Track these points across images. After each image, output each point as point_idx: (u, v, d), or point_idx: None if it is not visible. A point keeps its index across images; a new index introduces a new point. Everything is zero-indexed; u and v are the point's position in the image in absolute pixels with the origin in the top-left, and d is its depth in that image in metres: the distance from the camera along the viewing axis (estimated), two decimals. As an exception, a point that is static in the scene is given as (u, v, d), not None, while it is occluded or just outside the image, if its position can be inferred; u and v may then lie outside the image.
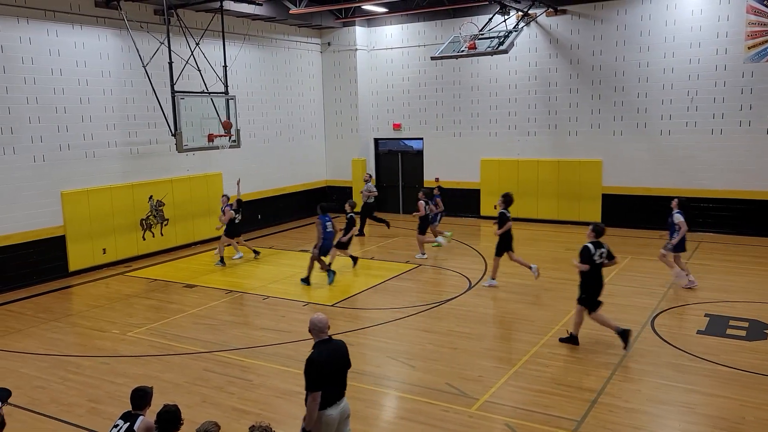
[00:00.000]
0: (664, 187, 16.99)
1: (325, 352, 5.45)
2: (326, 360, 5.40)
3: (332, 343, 5.58)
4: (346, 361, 5.62)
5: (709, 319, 10.08)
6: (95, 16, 14.18)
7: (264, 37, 18.87)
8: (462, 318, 10.51)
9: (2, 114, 12.60)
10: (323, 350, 5.45)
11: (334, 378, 5.47)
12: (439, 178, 20.38)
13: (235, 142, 15.35)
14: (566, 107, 18.10)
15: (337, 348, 5.58)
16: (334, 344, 5.59)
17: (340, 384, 5.56)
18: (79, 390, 8.11)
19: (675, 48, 16.44)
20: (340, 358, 5.56)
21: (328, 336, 5.57)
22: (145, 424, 5.23)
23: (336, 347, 5.58)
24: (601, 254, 9.00)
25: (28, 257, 13.18)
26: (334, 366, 5.47)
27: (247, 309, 11.47)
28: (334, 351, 5.53)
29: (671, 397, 7.51)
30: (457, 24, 18.32)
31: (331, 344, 5.56)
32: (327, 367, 5.39)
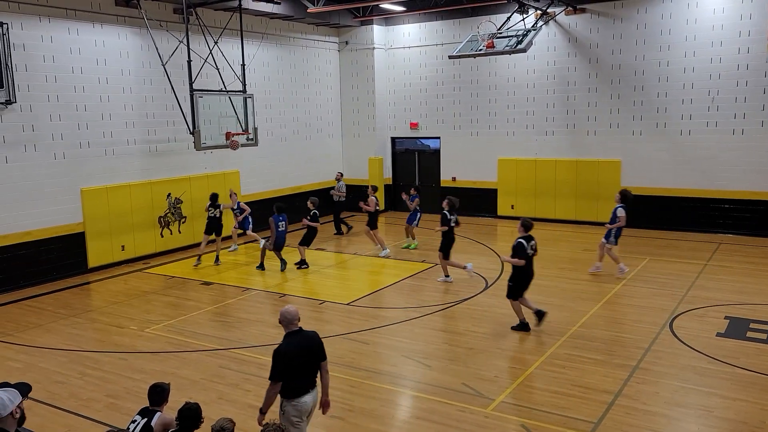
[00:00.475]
0: (684, 188, 16.80)
1: (294, 343, 5.55)
2: (295, 352, 5.50)
3: (302, 334, 5.66)
4: (317, 353, 5.68)
5: (729, 321, 9.95)
6: (115, 15, 14.32)
7: (282, 35, 18.93)
8: (478, 318, 10.47)
9: (24, 112, 12.77)
10: (292, 342, 5.55)
11: (305, 368, 5.57)
12: (456, 177, 20.34)
13: (252, 140, 15.41)
14: (585, 106, 17.96)
15: (307, 339, 5.66)
16: (304, 336, 5.66)
17: (311, 374, 5.66)
18: (98, 385, 8.20)
19: (696, 47, 16.23)
20: (310, 349, 5.63)
21: (298, 327, 5.65)
22: (162, 420, 5.26)
23: (306, 339, 5.66)
24: (532, 246, 9.72)
25: (49, 253, 13.35)
26: (303, 357, 5.56)
27: (264, 307, 11.52)
28: (303, 342, 5.61)
29: (690, 400, 7.42)
30: (475, 23, 18.23)
31: (301, 336, 5.64)
32: (296, 358, 5.49)
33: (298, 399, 5.53)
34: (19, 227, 12.82)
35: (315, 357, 5.66)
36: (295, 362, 5.48)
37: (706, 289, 11.73)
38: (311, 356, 5.63)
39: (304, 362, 5.57)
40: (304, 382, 5.58)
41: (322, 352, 5.71)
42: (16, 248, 12.80)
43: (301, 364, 5.53)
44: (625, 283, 12.22)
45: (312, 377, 5.67)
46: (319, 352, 5.69)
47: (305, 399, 5.56)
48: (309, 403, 5.60)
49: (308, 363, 5.61)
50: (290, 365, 5.45)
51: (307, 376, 5.61)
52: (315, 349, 5.67)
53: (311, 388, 5.64)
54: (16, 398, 3.98)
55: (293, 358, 5.47)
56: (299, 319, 5.67)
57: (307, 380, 5.61)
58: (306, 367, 5.59)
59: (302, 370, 5.55)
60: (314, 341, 5.69)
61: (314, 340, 5.70)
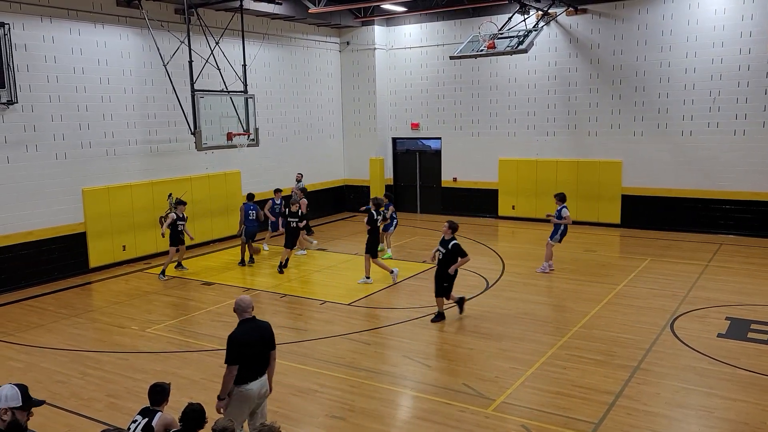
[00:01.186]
0: (685, 188, 16.79)
1: (248, 331, 5.83)
2: (246, 339, 5.77)
3: (255, 323, 5.94)
4: (268, 342, 5.94)
5: (730, 322, 9.94)
6: (117, 15, 14.33)
7: (283, 36, 18.95)
8: (479, 318, 10.46)
9: (26, 112, 12.79)
10: (245, 329, 5.83)
11: (254, 356, 5.81)
12: (456, 177, 20.34)
13: (253, 141, 15.42)
14: (586, 107, 17.96)
15: (259, 328, 5.93)
16: (257, 324, 5.95)
17: (261, 362, 5.89)
18: (99, 385, 8.20)
19: (697, 48, 16.23)
20: (261, 338, 5.90)
21: (251, 316, 5.93)
22: (163, 420, 5.26)
23: (258, 327, 5.94)
24: None
25: (50, 253, 13.37)
26: (254, 345, 5.81)
27: (264, 307, 11.53)
28: (255, 331, 5.89)
29: (691, 400, 7.42)
30: (476, 23, 18.24)
31: (254, 324, 5.93)
32: (247, 345, 5.75)
33: (245, 385, 5.77)
34: (21, 227, 12.84)
35: (266, 346, 5.93)
36: (247, 349, 5.75)
37: (707, 289, 11.72)
38: (262, 345, 5.90)
39: (256, 350, 5.84)
40: (253, 369, 5.82)
41: (272, 342, 5.99)
42: (17, 248, 12.82)
43: (251, 351, 5.80)
44: (626, 284, 12.21)
45: (261, 365, 5.91)
46: (270, 341, 5.97)
47: (251, 386, 5.80)
48: (255, 389, 5.84)
49: (259, 351, 5.87)
50: (243, 351, 5.71)
51: (256, 364, 5.86)
52: (267, 338, 5.95)
53: (259, 376, 5.88)
54: (12, 401, 3.97)
55: (246, 344, 5.75)
56: (253, 308, 5.98)
57: (256, 367, 5.85)
58: (257, 354, 5.85)
59: (253, 358, 5.81)
60: (267, 330, 5.98)
61: (267, 329, 5.99)
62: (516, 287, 12.22)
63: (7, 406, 3.95)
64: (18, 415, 3.96)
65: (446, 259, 9.98)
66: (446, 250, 9.97)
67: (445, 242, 10.01)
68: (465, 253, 10.01)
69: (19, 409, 3.97)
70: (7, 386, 4.05)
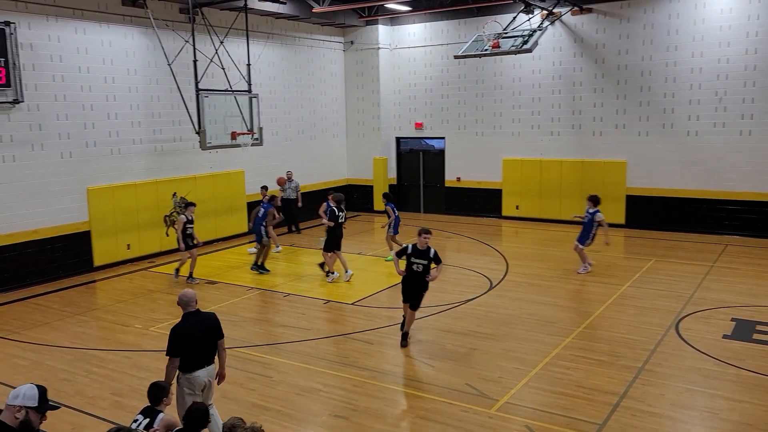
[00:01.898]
0: (691, 189, 16.74)
1: (191, 323, 6.10)
2: (189, 331, 6.04)
3: (200, 315, 6.21)
4: (214, 332, 6.20)
5: (736, 323, 9.90)
6: (122, 15, 14.36)
7: (287, 35, 18.95)
8: (482, 318, 10.45)
9: (31, 111, 12.83)
10: (189, 321, 6.11)
11: (200, 346, 6.08)
12: (460, 177, 20.32)
13: (257, 140, 15.43)
14: (591, 107, 17.91)
15: (204, 320, 6.20)
16: (201, 316, 6.22)
17: (206, 353, 6.16)
18: (103, 383, 8.23)
19: (703, 47, 16.17)
20: (206, 329, 6.16)
21: (195, 309, 6.18)
22: (164, 421, 5.26)
23: (203, 319, 6.20)
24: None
25: (55, 252, 13.40)
26: (198, 337, 6.07)
27: (268, 306, 11.54)
28: (199, 323, 6.15)
29: (695, 402, 7.39)
30: (480, 23, 18.21)
31: (198, 316, 6.19)
32: (191, 337, 6.02)
33: (191, 373, 6.04)
34: (26, 225, 12.88)
35: (211, 336, 6.18)
36: (190, 340, 6.00)
37: (712, 290, 11.68)
38: (207, 335, 6.14)
39: (200, 340, 6.08)
40: (199, 358, 6.07)
41: (218, 332, 6.24)
42: (22, 246, 12.86)
43: (196, 342, 6.05)
44: (630, 285, 12.18)
45: (207, 355, 6.16)
46: (215, 331, 6.22)
47: (198, 374, 6.05)
48: (202, 377, 6.08)
49: (203, 341, 6.11)
50: (186, 342, 5.98)
51: (202, 353, 6.10)
52: (211, 329, 6.19)
53: (206, 365, 6.12)
54: (28, 401, 3.98)
55: (189, 336, 6.01)
56: (196, 302, 6.22)
57: (202, 357, 6.09)
58: (201, 345, 6.09)
59: (197, 348, 6.06)
60: (211, 321, 6.23)
61: (211, 320, 6.24)
62: (520, 287, 12.20)
63: (23, 404, 3.96)
64: (32, 415, 3.97)
65: (425, 270, 9.02)
66: (427, 260, 8.98)
67: (424, 252, 8.98)
68: (440, 260, 9.16)
69: (33, 409, 3.97)
70: (27, 385, 4.08)
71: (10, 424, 3.92)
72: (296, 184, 17.98)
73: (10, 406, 3.96)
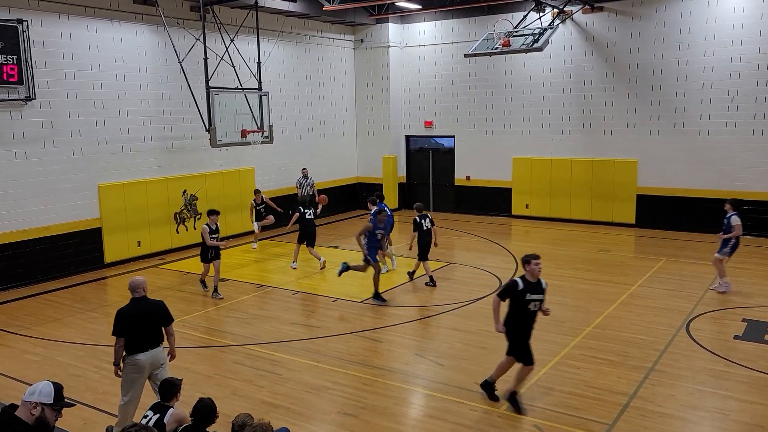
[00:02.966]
0: (702, 188, 16.62)
1: (135, 308, 6.49)
2: (134, 314, 6.44)
3: (146, 301, 6.58)
4: (157, 318, 6.58)
5: (747, 324, 9.83)
6: (133, 13, 14.43)
7: (298, 33, 18.98)
8: (491, 317, 10.39)
9: (43, 108, 12.92)
10: (133, 306, 6.51)
11: (143, 330, 6.44)
12: (470, 176, 20.29)
13: (267, 138, 15.47)
14: (601, 106, 17.82)
15: (150, 306, 6.58)
16: (148, 302, 6.59)
17: (151, 336, 6.51)
18: (114, 379, 8.18)
19: (715, 46, 16.04)
20: (151, 314, 6.53)
21: (142, 295, 6.55)
22: (175, 416, 5.29)
23: (149, 305, 6.58)
24: None
25: (66, 248, 13.49)
26: (141, 321, 6.44)
27: (277, 303, 11.57)
28: (145, 308, 6.53)
29: (706, 403, 7.34)
30: (491, 21, 18.17)
31: (145, 302, 6.57)
32: (134, 320, 6.41)
33: (134, 355, 6.42)
34: (38, 222, 12.98)
35: (156, 322, 6.55)
36: (133, 323, 6.40)
37: (723, 291, 11.60)
38: (151, 321, 6.51)
39: (142, 324, 6.44)
40: (143, 342, 6.44)
41: (165, 318, 6.65)
42: (34, 243, 12.96)
43: (139, 326, 6.42)
44: (641, 284, 12.12)
45: (152, 339, 6.51)
46: (161, 318, 6.61)
47: (141, 356, 6.43)
48: (146, 360, 6.46)
49: (146, 326, 6.47)
50: (129, 325, 6.38)
51: (144, 337, 6.45)
52: (156, 315, 6.57)
53: (150, 348, 6.47)
54: (44, 397, 4.02)
55: (132, 319, 6.41)
56: (144, 289, 6.58)
57: (144, 341, 6.45)
58: (143, 329, 6.45)
59: (140, 331, 6.42)
60: (156, 308, 6.61)
61: (157, 307, 6.62)
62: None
63: (39, 400, 4.00)
64: (47, 412, 4.00)
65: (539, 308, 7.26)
66: (543, 294, 7.27)
67: (537, 285, 7.23)
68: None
69: (49, 406, 4.01)
70: (44, 382, 4.12)
71: (26, 420, 3.96)
72: (312, 181, 18.06)
73: (26, 403, 4.00)
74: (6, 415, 3.97)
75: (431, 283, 12.30)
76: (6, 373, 8.54)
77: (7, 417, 3.96)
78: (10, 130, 12.46)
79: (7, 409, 4.01)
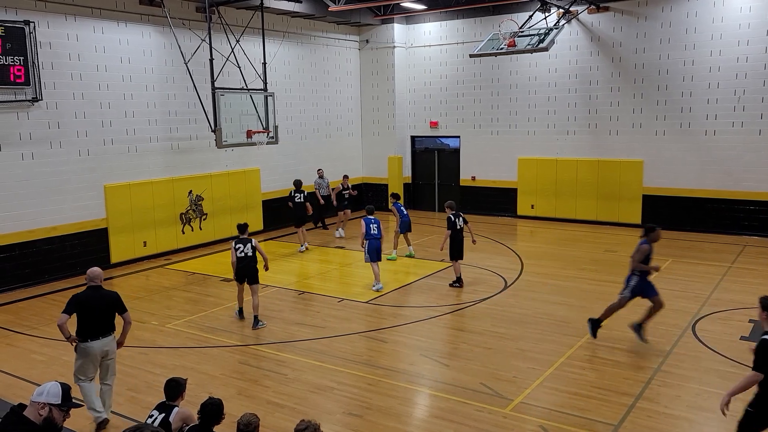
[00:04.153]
0: (708, 189, 16.56)
1: (88, 295, 6.90)
2: (84, 301, 6.84)
3: (98, 291, 6.94)
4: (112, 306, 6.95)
5: (754, 324, 9.78)
6: (139, 14, 14.48)
7: (303, 34, 19.00)
8: (497, 318, 10.42)
9: (50, 109, 12.98)
10: (87, 293, 6.91)
11: (93, 318, 6.83)
12: (475, 176, 20.27)
13: (273, 138, 15.50)
14: (607, 106, 17.78)
15: (102, 296, 6.94)
16: (101, 293, 6.96)
17: (101, 325, 6.90)
18: (119, 379, 8.27)
19: (722, 46, 15.98)
20: (101, 304, 6.89)
21: (97, 285, 6.94)
22: (180, 415, 5.30)
23: (102, 296, 6.94)
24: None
25: (73, 248, 13.55)
26: (91, 309, 6.82)
27: (283, 304, 11.58)
28: (97, 297, 6.91)
29: (712, 403, 7.31)
30: (496, 21, 18.14)
31: (99, 292, 6.94)
32: (85, 307, 6.82)
33: (86, 342, 6.85)
34: (45, 222, 13.04)
35: (107, 310, 6.92)
36: (85, 309, 6.80)
37: (730, 291, 11.56)
38: (101, 311, 6.88)
39: (93, 312, 6.83)
40: (92, 329, 6.85)
41: (118, 307, 7.00)
42: (41, 243, 13.02)
43: (90, 313, 6.82)
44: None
45: (103, 328, 6.90)
46: (113, 307, 6.97)
47: (92, 344, 6.86)
48: (95, 347, 6.87)
49: (96, 314, 6.85)
50: (80, 310, 6.81)
51: (94, 326, 6.86)
52: (107, 306, 6.92)
53: (101, 336, 6.89)
54: (52, 398, 4.05)
55: (83, 304, 6.83)
56: (101, 280, 6.99)
57: (95, 328, 6.86)
58: (94, 316, 6.84)
59: (91, 319, 6.82)
60: (109, 299, 6.98)
61: (110, 298, 7.00)
62: (535, 287, 12.15)
63: (47, 401, 4.03)
64: (55, 413, 4.04)
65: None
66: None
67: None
68: None
69: (57, 406, 4.04)
70: (52, 383, 4.16)
71: (34, 420, 3.99)
72: (327, 182, 18.17)
73: (34, 403, 4.03)
74: (15, 415, 4.00)
75: (458, 284, 12.20)
76: (13, 372, 8.59)
77: (16, 417, 3.99)
78: (17, 131, 12.53)
79: (16, 409, 4.04)
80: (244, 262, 10.21)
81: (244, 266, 10.23)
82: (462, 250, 12.33)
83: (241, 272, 10.25)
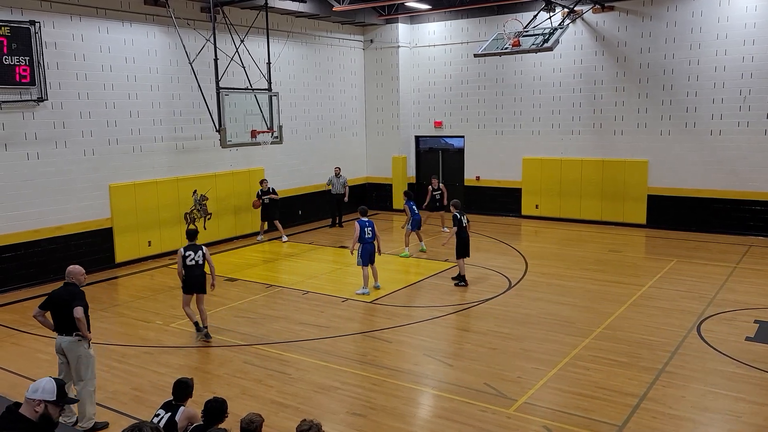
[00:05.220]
0: (714, 189, 16.50)
1: (59, 291, 7.02)
2: (56, 296, 7.01)
3: (68, 288, 7.00)
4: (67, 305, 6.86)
5: (759, 325, 9.75)
6: (144, 14, 14.51)
7: (307, 34, 19.02)
8: (501, 318, 10.41)
9: (55, 109, 13.02)
10: (59, 289, 7.05)
11: (58, 314, 6.97)
12: (480, 176, 20.24)
13: (277, 138, 15.51)
14: (612, 106, 17.74)
15: (65, 293, 6.98)
16: (67, 289, 6.99)
17: (62, 322, 6.95)
18: (124, 378, 8.33)
19: (727, 45, 15.92)
20: (60, 301, 6.94)
21: (69, 282, 7.04)
22: (186, 414, 5.32)
23: (65, 292, 6.97)
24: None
25: (78, 248, 13.58)
26: (58, 305, 6.94)
27: (287, 304, 11.59)
28: (63, 294, 6.96)
29: (717, 404, 7.29)
30: (501, 21, 18.12)
31: (66, 288, 7.00)
32: (55, 302, 6.99)
33: (56, 337, 7.05)
34: (50, 222, 13.08)
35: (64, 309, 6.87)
36: (54, 305, 6.98)
37: (735, 292, 11.51)
38: (60, 307, 6.91)
39: (61, 309, 6.92)
40: (57, 324, 7.00)
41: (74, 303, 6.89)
42: (46, 243, 13.06)
43: (57, 309, 6.95)
44: (651, 285, 12.04)
45: (63, 324, 6.93)
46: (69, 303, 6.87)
47: (57, 339, 7.01)
48: (58, 342, 6.99)
49: (58, 311, 6.95)
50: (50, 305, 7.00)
51: (58, 321, 6.98)
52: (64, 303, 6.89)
53: (63, 333, 6.95)
54: (47, 395, 4.07)
55: (53, 300, 7.00)
56: (74, 276, 7.05)
57: (58, 324, 6.99)
58: (59, 313, 6.94)
59: (57, 315, 6.97)
60: (68, 296, 6.93)
61: (68, 295, 6.95)
62: (539, 287, 12.13)
63: (42, 398, 4.05)
64: (50, 409, 4.06)
65: None
66: None
67: None
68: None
69: (52, 403, 4.06)
70: (46, 379, 4.18)
71: (30, 417, 4.01)
72: (344, 180, 18.35)
73: (29, 400, 4.05)
74: (11, 413, 4.03)
75: (462, 283, 12.23)
76: (18, 371, 8.63)
77: (12, 414, 4.02)
78: (23, 131, 12.57)
79: (12, 407, 4.07)
80: (193, 271, 9.48)
81: (193, 275, 9.49)
82: (468, 248, 12.34)
83: (190, 281, 9.48)
